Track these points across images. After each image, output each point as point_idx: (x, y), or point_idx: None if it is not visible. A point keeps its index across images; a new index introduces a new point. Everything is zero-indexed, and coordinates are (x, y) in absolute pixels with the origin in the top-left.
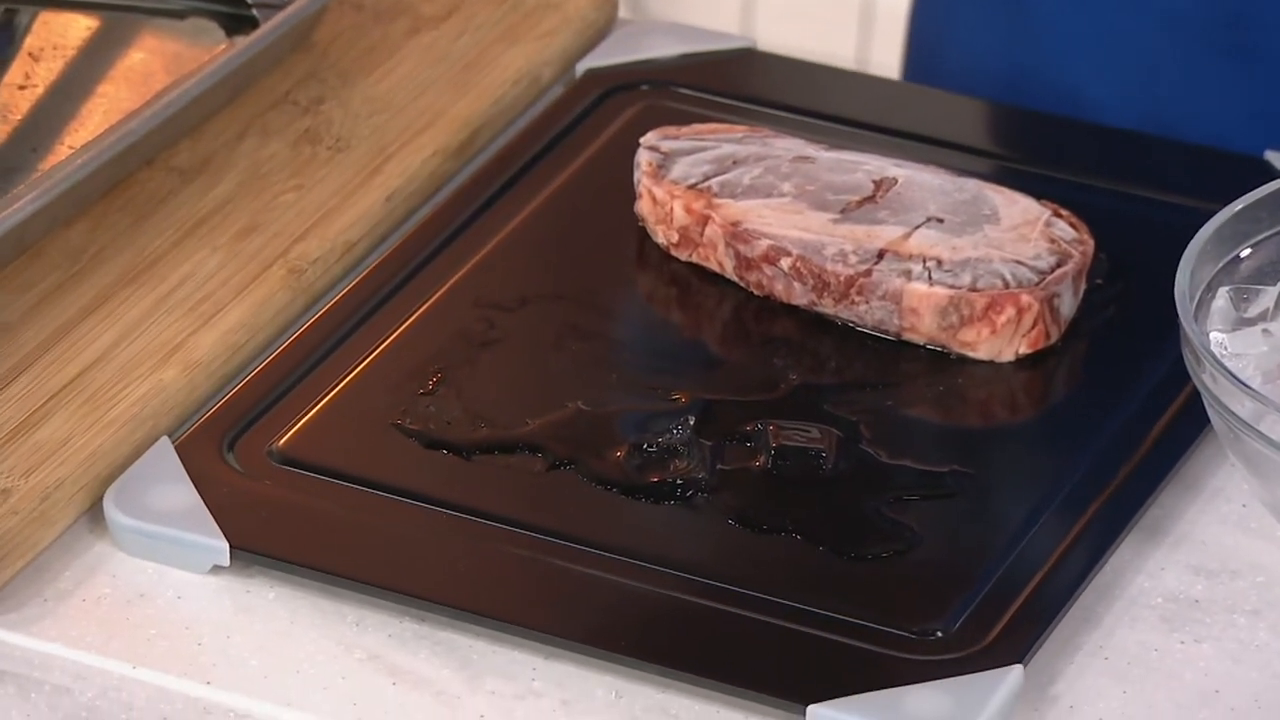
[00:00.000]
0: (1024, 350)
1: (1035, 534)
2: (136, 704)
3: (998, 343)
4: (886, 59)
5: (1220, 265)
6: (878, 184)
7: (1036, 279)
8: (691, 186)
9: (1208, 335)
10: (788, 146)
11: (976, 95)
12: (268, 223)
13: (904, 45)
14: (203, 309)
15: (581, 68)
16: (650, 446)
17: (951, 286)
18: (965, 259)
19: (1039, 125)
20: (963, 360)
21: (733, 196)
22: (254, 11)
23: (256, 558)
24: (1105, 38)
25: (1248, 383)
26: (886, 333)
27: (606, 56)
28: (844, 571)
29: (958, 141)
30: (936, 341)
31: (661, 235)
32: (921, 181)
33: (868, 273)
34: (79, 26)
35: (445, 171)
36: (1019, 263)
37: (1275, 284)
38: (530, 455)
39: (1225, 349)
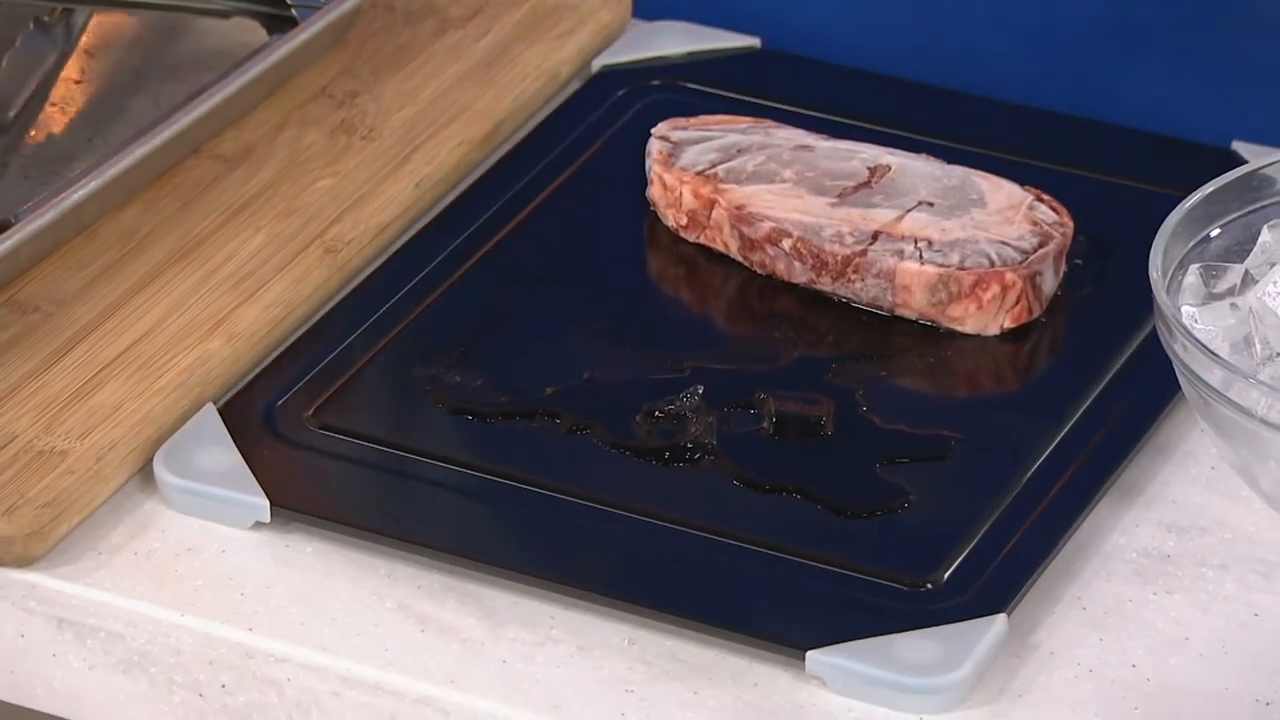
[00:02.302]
0: (1008, 324)
1: (1019, 493)
2: (184, 649)
3: (984, 317)
4: None
5: (1191, 245)
6: (872, 171)
7: (1020, 258)
8: (699, 173)
9: (1179, 309)
10: (788, 136)
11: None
12: (306, 206)
13: None
14: (245, 285)
15: (597, 64)
16: (661, 413)
17: (941, 265)
18: (954, 240)
19: (1022, 117)
20: (951, 334)
21: (738, 182)
22: (293, 12)
23: (295, 515)
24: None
25: (1217, 352)
26: (880, 309)
27: (620, 54)
28: (841, 528)
29: (947, 132)
30: (927, 316)
31: (671, 218)
32: (913, 168)
33: (863, 253)
34: (131, 26)
35: (470, 160)
36: (1004, 243)
37: (1242, 262)
38: (549, 421)
39: (1196, 322)
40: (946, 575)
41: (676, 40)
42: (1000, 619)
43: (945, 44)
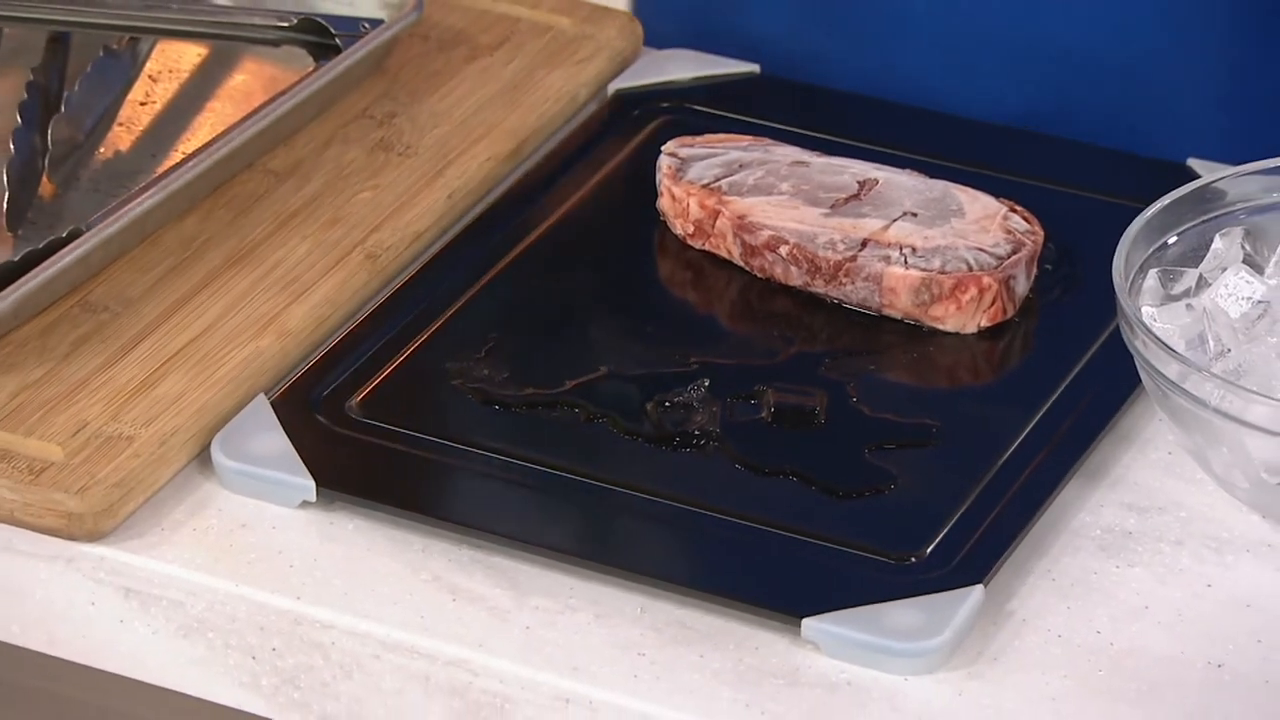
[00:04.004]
0: (985, 324)
1: (994, 476)
2: (239, 616)
3: (963, 317)
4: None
5: (1150, 251)
6: (862, 184)
7: (995, 263)
8: (705, 186)
9: (1140, 310)
10: (786, 153)
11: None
12: (348, 216)
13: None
14: (294, 288)
15: (612, 88)
16: (670, 404)
17: (924, 270)
18: (935, 247)
19: (998, 136)
20: (933, 332)
21: (739, 195)
22: (337, 41)
23: (338, 495)
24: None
25: (1174, 348)
26: (869, 309)
27: (633, 79)
28: (834, 507)
29: (929, 149)
30: (911, 316)
31: (679, 227)
32: (898, 182)
33: (853, 258)
34: (191, 53)
35: (497, 174)
36: (980, 250)
37: (1197, 267)
38: (569, 410)
39: (1155, 321)
40: (929, 550)
41: (684, 67)
42: (978, 589)
43: (929, 69)
